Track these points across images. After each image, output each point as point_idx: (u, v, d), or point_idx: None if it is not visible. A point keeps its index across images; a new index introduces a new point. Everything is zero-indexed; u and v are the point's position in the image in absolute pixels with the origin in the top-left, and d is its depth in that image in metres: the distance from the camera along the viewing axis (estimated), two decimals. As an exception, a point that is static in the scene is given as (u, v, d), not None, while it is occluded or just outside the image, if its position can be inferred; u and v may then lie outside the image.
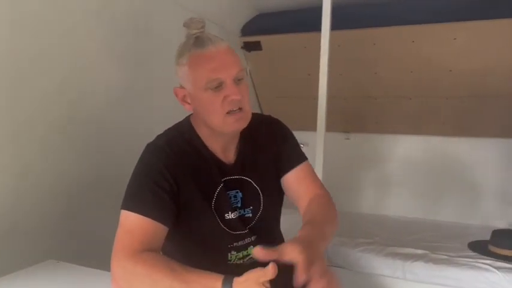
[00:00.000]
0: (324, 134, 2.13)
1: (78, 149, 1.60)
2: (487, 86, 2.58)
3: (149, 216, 0.98)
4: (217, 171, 1.12)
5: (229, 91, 1.03)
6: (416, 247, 2.32)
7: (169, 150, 1.07)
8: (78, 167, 1.59)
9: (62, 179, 1.53)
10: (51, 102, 1.49)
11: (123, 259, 0.93)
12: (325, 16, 2.07)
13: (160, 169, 1.03)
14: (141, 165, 1.07)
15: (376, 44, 2.60)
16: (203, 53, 1.04)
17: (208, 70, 1.03)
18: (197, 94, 1.07)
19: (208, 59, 1.03)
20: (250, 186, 1.16)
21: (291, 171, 1.20)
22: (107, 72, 1.74)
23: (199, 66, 1.04)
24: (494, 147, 2.84)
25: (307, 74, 2.67)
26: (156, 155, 1.07)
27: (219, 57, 1.03)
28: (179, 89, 1.12)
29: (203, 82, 1.03)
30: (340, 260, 2.31)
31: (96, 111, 1.68)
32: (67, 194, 1.54)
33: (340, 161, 3.00)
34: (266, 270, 0.81)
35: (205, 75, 1.03)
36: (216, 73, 1.03)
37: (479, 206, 2.87)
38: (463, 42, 2.44)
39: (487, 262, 2.12)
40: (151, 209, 0.99)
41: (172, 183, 1.03)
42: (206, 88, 1.04)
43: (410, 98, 2.82)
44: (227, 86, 1.03)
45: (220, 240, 1.11)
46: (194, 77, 1.05)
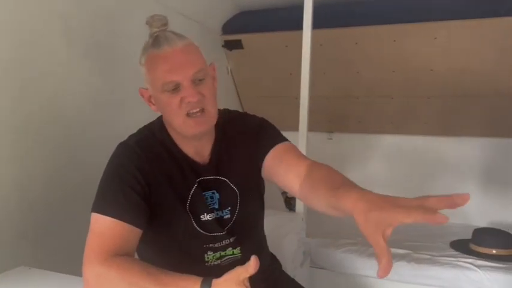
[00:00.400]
0: (307, 134, 2.11)
1: (47, 151, 1.54)
2: (468, 86, 2.60)
3: (121, 218, 0.95)
4: (190, 171, 1.09)
5: (186, 93, 0.99)
6: (399, 247, 2.31)
7: (139, 151, 1.04)
8: (47, 170, 1.53)
9: (31, 183, 1.47)
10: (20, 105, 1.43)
11: (96, 264, 0.90)
12: (307, 14, 2.05)
13: (131, 170, 1.01)
14: (111, 165, 1.04)
15: (358, 43, 2.59)
16: (158, 54, 1.00)
17: (163, 72, 0.99)
18: (156, 96, 1.04)
19: (163, 60, 0.99)
20: (227, 186, 1.13)
21: (270, 152, 1.09)
22: (79, 73, 1.69)
23: (155, 68, 1.01)
24: (475, 147, 2.88)
25: (289, 73, 2.64)
26: (127, 155, 1.04)
27: (174, 58, 0.99)
28: (144, 90, 1.09)
29: (159, 84, 1.00)
30: (323, 261, 2.29)
31: (67, 113, 1.63)
32: (37, 199, 1.48)
33: (322, 161, 2.95)
34: (247, 266, 0.78)
35: (161, 78, 0.99)
36: (170, 75, 0.99)
37: (461, 205, 2.88)
38: (444, 42, 2.45)
39: (468, 261, 2.13)
40: (123, 211, 0.96)
41: (143, 184, 1.00)
42: (163, 90, 1.00)
43: (393, 97, 2.83)
44: (184, 87, 0.99)
45: (196, 242, 1.08)
46: (151, 79, 1.03)
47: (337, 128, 3.16)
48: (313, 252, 2.30)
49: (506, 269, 2.03)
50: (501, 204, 2.79)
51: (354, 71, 2.75)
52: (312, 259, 2.29)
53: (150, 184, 1.02)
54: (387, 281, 2.17)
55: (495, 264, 2.07)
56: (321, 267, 2.29)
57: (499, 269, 2.03)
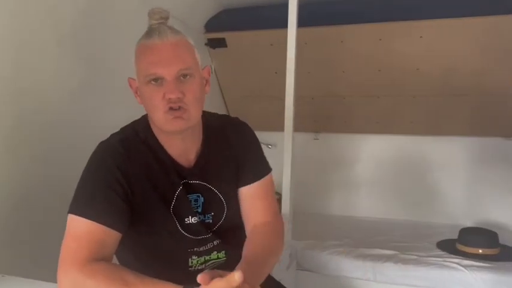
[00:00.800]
0: (292, 134, 2.08)
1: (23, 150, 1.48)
2: (453, 85, 2.60)
3: (99, 221, 0.91)
4: (175, 173, 1.05)
5: (167, 88, 0.96)
6: (386, 248, 2.31)
7: (122, 150, 1.00)
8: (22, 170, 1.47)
9: (4, 184, 1.40)
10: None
11: (71, 270, 0.86)
12: (292, 12, 2.02)
13: (113, 169, 0.97)
14: (91, 165, 1.00)
15: (343, 41, 2.57)
16: (147, 45, 0.98)
17: (148, 63, 0.97)
18: (141, 87, 1.01)
19: (150, 51, 0.97)
20: (212, 193, 1.10)
21: (248, 185, 1.13)
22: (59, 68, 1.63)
23: (141, 58, 0.99)
24: (461, 146, 2.89)
25: (274, 72, 2.61)
26: (108, 154, 1.00)
27: (161, 51, 0.96)
28: (133, 80, 1.05)
29: (143, 75, 0.98)
30: (308, 264, 2.27)
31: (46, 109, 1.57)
32: (10, 201, 1.42)
33: (308, 161, 2.98)
34: (230, 278, 0.77)
35: (145, 69, 0.97)
36: (154, 68, 0.96)
37: (448, 205, 2.90)
38: (429, 41, 2.44)
39: (455, 261, 2.14)
40: (102, 214, 0.92)
41: (125, 185, 0.97)
42: (146, 82, 0.98)
43: (379, 96, 2.81)
44: (167, 82, 0.96)
45: (180, 245, 1.05)
46: (137, 69, 1.01)
47: (323, 128, 3.14)
48: (299, 255, 2.27)
49: (492, 269, 2.04)
50: (487, 204, 2.81)
51: (340, 70, 2.73)
52: (298, 262, 2.27)
53: (133, 185, 0.98)
54: (374, 282, 2.17)
55: (481, 264, 2.08)
56: (307, 269, 2.27)
57: (485, 269, 2.04)
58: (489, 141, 2.81)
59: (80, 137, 1.58)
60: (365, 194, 3.09)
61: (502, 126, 2.72)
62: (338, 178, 3.14)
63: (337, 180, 3.14)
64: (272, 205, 1.16)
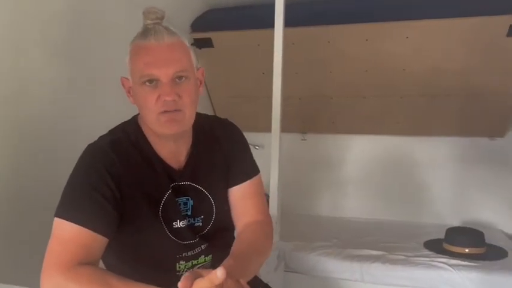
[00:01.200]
0: (280, 135, 2.07)
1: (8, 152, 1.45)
2: (439, 85, 2.62)
3: (87, 226, 0.89)
4: (165, 176, 1.04)
5: (163, 90, 0.95)
6: (374, 248, 2.32)
7: (112, 153, 0.98)
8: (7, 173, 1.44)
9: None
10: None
11: (55, 274, 0.85)
12: (278, 12, 2.01)
13: (102, 173, 0.94)
14: (79, 168, 0.98)
15: (330, 42, 2.57)
16: (143, 45, 0.96)
17: (143, 64, 0.95)
18: (134, 88, 1.00)
19: (145, 52, 0.96)
20: (202, 193, 1.09)
21: (238, 185, 1.13)
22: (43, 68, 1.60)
23: (136, 58, 0.97)
24: (447, 146, 2.91)
25: (262, 73, 2.59)
26: (98, 157, 0.97)
27: (157, 52, 0.95)
28: (126, 80, 1.03)
29: (138, 76, 0.97)
30: (296, 265, 2.26)
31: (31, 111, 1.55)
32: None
33: (296, 162, 2.97)
34: (212, 277, 0.77)
35: (140, 69, 0.96)
36: (150, 69, 0.95)
37: (435, 204, 2.92)
38: (415, 41, 2.45)
39: (442, 260, 2.15)
40: (90, 218, 0.90)
41: (114, 189, 0.94)
42: (141, 83, 0.96)
43: (365, 97, 2.82)
44: (162, 84, 0.95)
45: (168, 250, 1.04)
46: (132, 69, 0.99)
47: (311, 129, 3.13)
48: (287, 256, 2.26)
49: (479, 267, 2.06)
50: (473, 203, 2.84)
51: (327, 71, 2.73)
52: (286, 263, 2.26)
53: (122, 189, 0.96)
54: (362, 283, 2.17)
55: (468, 263, 2.10)
56: (295, 271, 2.26)
57: (472, 268, 2.06)
58: (475, 141, 2.84)
59: (65, 138, 1.56)
60: (353, 194, 3.10)
61: (488, 126, 2.75)
62: (326, 179, 3.14)
63: (325, 181, 3.14)
64: (262, 204, 1.17)
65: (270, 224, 1.16)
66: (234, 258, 0.97)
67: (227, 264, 0.92)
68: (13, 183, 1.45)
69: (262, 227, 1.12)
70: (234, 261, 0.95)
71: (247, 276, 0.98)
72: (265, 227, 1.13)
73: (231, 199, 1.14)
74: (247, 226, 1.11)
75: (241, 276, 0.89)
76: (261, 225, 1.12)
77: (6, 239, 1.41)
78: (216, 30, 2.68)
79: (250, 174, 1.15)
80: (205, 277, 0.78)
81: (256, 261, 1.04)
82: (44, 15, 1.59)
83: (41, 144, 1.57)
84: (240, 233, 1.11)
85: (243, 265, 0.96)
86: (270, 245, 1.12)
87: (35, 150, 1.54)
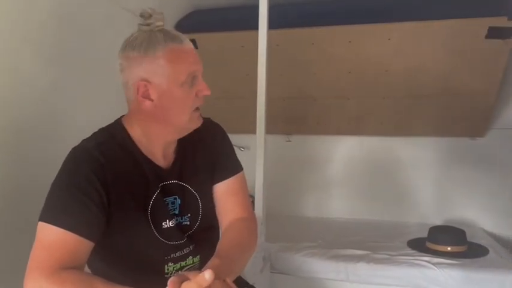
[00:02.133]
0: (264, 137, 2.06)
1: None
2: (421, 86, 2.66)
3: (72, 230, 0.88)
4: (153, 176, 1.04)
5: (202, 86, 1.04)
6: (358, 248, 2.34)
7: (99, 155, 0.96)
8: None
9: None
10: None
11: (39, 278, 0.84)
12: (262, 14, 2.01)
13: (88, 176, 0.93)
14: (65, 171, 0.96)
15: (314, 43, 2.58)
16: (182, 48, 1.01)
17: (189, 63, 1.02)
18: (171, 89, 1.00)
19: (186, 54, 1.02)
20: (188, 192, 1.10)
21: (222, 181, 1.16)
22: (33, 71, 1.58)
23: (180, 60, 1.00)
24: (429, 146, 2.96)
25: (246, 74, 2.59)
26: (84, 160, 0.96)
27: (193, 53, 1.04)
28: (143, 83, 0.99)
29: (183, 76, 1.00)
30: (282, 266, 2.27)
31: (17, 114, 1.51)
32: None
33: (281, 163, 2.97)
34: (200, 279, 0.78)
35: (186, 69, 1.01)
36: (195, 66, 1.03)
37: (418, 204, 2.96)
38: (397, 43, 2.48)
39: (425, 259, 2.18)
40: (75, 223, 0.89)
41: (101, 192, 0.93)
42: (183, 83, 1.01)
43: (349, 98, 2.84)
44: (198, 81, 1.04)
45: (156, 251, 1.03)
46: (173, 70, 0.99)
47: (296, 130, 3.15)
48: (273, 257, 2.27)
49: (461, 265, 2.09)
50: (455, 202, 2.89)
51: (311, 72, 2.74)
52: (272, 264, 2.26)
53: (110, 192, 0.95)
54: (347, 282, 2.18)
55: (450, 261, 2.13)
56: (281, 272, 2.26)
57: (454, 266, 2.09)
58: (456, 141, 2.89)
59: (55, 140, 1.52)
60: (337, 195, 3.12)
61: (468, 127, 2.80)
62: (311, 180, 3.16)
63: (310, 182, 3.16)
64: (246, 201, 1.19)
65: (254, 221, 1.18)
66: (219, 257, 0.98)
67: (213, 264, 0.93)
68: (2, 185, 1.43)
69: (246, 223, 1.14)
70: (220, 260, 0.96)
71: (234, 274, 0.99)
72: (250, 224, 1.15)
73: (216, 196, 1.16)
74: (231, 224, 1.13)
75: (227, 275, 0.90)
76: (245, 222, 1.14)
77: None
78: (201, 32, 2.66)
79: (234, 171, 1.18)
80: (193, 280, 0.79)
81: (241, 259, 1.06)
82: (33, 18, 1.57)
83: (31, 147, 1.55)
84: (224, 231, 1.12)
85: (229, 264, 0.97)
86: (254, 241, 1.14)
87: (25, 152, 1.52)
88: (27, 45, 1.55)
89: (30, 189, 1.42)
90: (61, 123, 1.69)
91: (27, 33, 1.55)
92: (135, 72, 0.99)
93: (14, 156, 1.49)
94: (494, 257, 2.21)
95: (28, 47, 1.56)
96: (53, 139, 1.61)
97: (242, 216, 1.14)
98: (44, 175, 1.01)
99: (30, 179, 1.49)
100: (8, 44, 1.47)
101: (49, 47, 1.65)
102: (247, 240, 1.11)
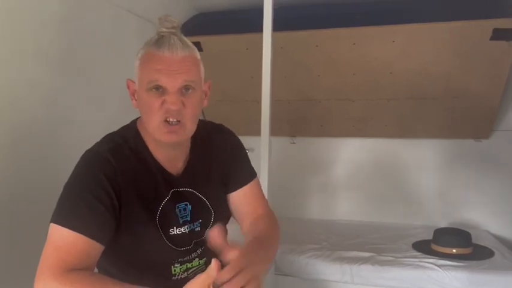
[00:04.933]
0: (269, 139, 2.07)
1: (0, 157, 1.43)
2: (426, 88, 2.66)
3: (83, 233, 0.88)
4: (163, 182, 1.04)
5: (169, 99, 0.96)
6: (363, 250, 2.34)
7: (112, 160, 0.97)
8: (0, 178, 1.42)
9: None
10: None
11: (49, 280, 0.84)
12: (267, 17, 2.02)
13: (101, 179, 0.93)
14: (78, 175, 0.96)
15: (318, 46, 2.59)
16: (156, 54, 0.97)
17: (153, 70, 0.96)
18: (140, 92, 1.00)
19: (157, 60, 0.96)
20: (200, 199, 1.09)
21: (239, 189, 1.15)
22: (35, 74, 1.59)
23: (147, 64, 0.98)
24: (433, 148, 2.95)
25: (250, 77, 2.60)
26: (97, 165, 0.96)
27: (169, 63, 0.96)
28: (132, 82, 1.03)
29: (146, 81, 0.97)
30: (287, 268, 2.27)
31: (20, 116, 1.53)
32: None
33: (286, 166, 2.98)
34: (209, 270, 0.79)
35: (149, 75, 0.96)
36: (158, 76, 0.95)
37: (423, 206, 2.96)
38: (402, 45, 2.48)
39: (430, 261, 2.18)
40: (87, 226, 0.89)
41: (113, 196, 0.94)
42: (148, 88, 0.97)
43: (353, 100, 2.84)
44: (169, 93, 0.96)
45: (164, 256, 1.04)
46: (140, 74, 0.99)
47: (300, 132, 3.15)
48: (278, 259, 2.27)
49: (466, 267, 2.09)
50: (460, 204, 2.88)
51: (315, 74, 2.75)
52: (277, 266, 2.26)
53: (121, 196, 0.96)
54: (352, 284, 2.18)
55: (456, 263, 2.13)
56: (285, 274, 2.27)
57: (459, 268, 2.09)
58: (460, 143, 2.88)
59: (58, 143, 1.55)
60: (341, 197, 3.12)
61: (472, 128, 2.80)
62: (315, 182, 3.16)
63: (314, 184, 3.16)
64: (263, 201, 1.19)
65: (274, 216, 1.19)
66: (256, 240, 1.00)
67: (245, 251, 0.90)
68: (7, 188, 1.44)
69: (267, 219, 1.14)
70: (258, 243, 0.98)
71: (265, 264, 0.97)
72: (272, 219, 1.16)
73: (233, 203, 1.16)
74: (255, 220, 1.13)
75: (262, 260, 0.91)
76: (267, 217, 1.15)
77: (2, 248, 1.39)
78: (205, 34, 2.67)
79: (249, 179, 1.17)
80: (203, 273, 0.80)
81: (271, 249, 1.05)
82: (36, 22, 1.59)
83: (34, 149, 1.56)
84: (250, 227, 1.12)
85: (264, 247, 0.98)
86: (279, 236, 1.14)
87: (28, 155, 1.53)
88: (32, 49, 1.57)
89: (31, 190, 1.44)
90: (65, 126, 1.71)
91: (31, 36, 1.56)
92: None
93: (17, 159, 1.50)
94: (499, 259, 2.21)
95: (32, 50, 1.57)
96: (57, 141, 1.63)
97: (263, 213, 1.16)
98: (47, 178, 1.02)
99: (33, 181, 1.50)
100: (13, 47, 1.48)
101: (54, 50, 1.67)
102: (274, 232, 1.11)
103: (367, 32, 2.48)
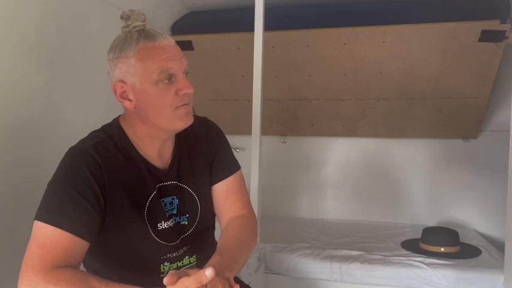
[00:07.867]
0: (260, 138, 2.07)
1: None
2: (415, 88, 2.68)
3: (68, 230, 0.88)
4: (150, 177, 1.04)
5: (182, 84, 0.99)
6: (353, 249, 2.35)
7: (96, 156, 0.96)
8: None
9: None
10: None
11: (34, 277, 0.83)
12: (258, 16, 2.02)
13: (85, 175, 0.93)
14: (62, 171, 0.95)
15: (309, 46, 2.59)
16: (155, 45, 0.97)
17: (161, 60, 0.96)
18: (145, 88, 0.98)
19: (159, 50, 0.97)
20: (187, 192, 1.10)
21: (222, 181, 1.15)
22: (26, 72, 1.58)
23: (150, 57, 0.97)
24: (422, 148, 2.98)
25: (241, 76, 2.60)
26: (81, 160, 0.95)
27: (170, 50, 0.98)
28: (119, 84, 1.00)
29: (155, 74, 0.96)
30: (277, 267, 2.27)
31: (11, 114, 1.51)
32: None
33: (276, 165, 2.99)
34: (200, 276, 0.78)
35: (158, 66, 0.96)
36: (169, 63, 0.97)
37: (411, 205, 2.99)
38: (392, 46, 2.50)
39: (418, 259, 2.20)
40: (72, 223, 0.89)
41: (98, 192, 0.93)
42: (157, 81, 0.97)
43: (344, 100, 2.86)
44: (178, 79, 0.99)
45: (153, 252, 1.03)
46: (144, 69, 0.97)
47: (291, 132, 3.16)
48: (268, 258, 2.27)
49: (454, 266, 2.11)
50: (448, 204, 2.91)
51: (306, 74, 2.76)
52: (267, 265, 2.27)
53: (106, 193, 0.95)
54: (341, 283, 2.19)
55: (444, 262, 2.15)
56: (275, 272, 2.27)
57: (447, 266, 2.11)
58: (449, 143, 2.92)
59: (49, 141, 1.53)
60: (331, 196, 3.14)
61: (461, 129, 2.83)
62: (305, 181, 3.17)
63: (305, 183, 3.17)
64: (245, 198, 1.18)
65: (254, 217, 1.18)
66: (220, 254, 0.98)
67: (214, 261, 0.93)
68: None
69: (246, 220, 1.13)
70: (221, 257, 0.96)
71: (236, 271, 0.98)
72: (250, 221, 1.14)
73: (215, 195, 1.15)
74: (231, 221, 1.12)
75: (228, 271, 0.91)
76: (245, 219, 1.13)
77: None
78: (196, 33, 2.67)
79: (232, 170, 1.17)
80: (192, 276, 0.79)
81: (243, 255, 1.05)
82: (28, 20, 1.57)
83: (25, 147, 1.55)
84: (225, 229, 1.11)
85: (230, 260, 0.97)
86: (255, 238, 1.14)
87: (19, 153, 1.52)
88: (22, 47, 1.55)
89: (24, 188, 1.43)
90: (55, 124, 1.69)
91: (22, 34, 1.55)
92: (114, 74, 1.00)
93: (8, 156, 1.49)
94: (486, 258, 2.23)
95: (23, 49, 1.55)
96: (47, 139, 1.61)
97: (242, 214, 1.14)
98: (38, 175, 1.01)
99: (24, 179, 1.49)
100: (3, 45, 1.47)
101: (44, 48, 1.65)
102: (247, 237, 1.10)
103: (357, 33, 2.49)
